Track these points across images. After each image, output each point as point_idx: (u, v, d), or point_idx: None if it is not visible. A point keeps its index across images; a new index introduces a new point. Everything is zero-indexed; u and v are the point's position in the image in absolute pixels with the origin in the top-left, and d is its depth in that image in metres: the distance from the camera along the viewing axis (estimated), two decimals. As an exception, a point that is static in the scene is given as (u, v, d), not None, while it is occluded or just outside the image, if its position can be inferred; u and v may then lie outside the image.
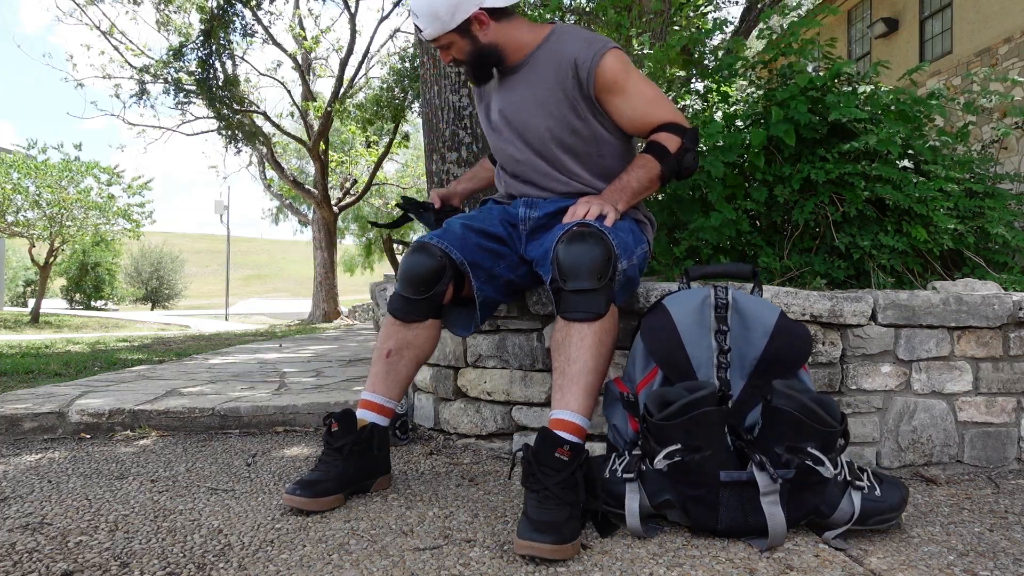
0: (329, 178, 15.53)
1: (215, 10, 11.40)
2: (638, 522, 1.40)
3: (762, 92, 2.62)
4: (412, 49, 12.72)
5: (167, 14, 12.71)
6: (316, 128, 14.46)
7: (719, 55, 3.10)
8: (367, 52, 14.92)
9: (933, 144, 2.58)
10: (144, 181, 14.99)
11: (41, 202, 13.80)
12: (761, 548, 1.35)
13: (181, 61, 11.82)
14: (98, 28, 13.25)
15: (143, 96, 12.19)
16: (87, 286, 26.46)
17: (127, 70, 13.07)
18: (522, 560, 1.29)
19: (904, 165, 2.44)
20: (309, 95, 15.21)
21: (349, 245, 27.81)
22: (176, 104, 12.48)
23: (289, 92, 15.38)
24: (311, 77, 15.43)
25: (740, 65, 2.73)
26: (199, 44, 11.65)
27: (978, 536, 1.45)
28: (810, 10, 7.76)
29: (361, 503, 1.64)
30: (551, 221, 1.81)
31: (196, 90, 11.86)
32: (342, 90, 14.01)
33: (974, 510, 1.62)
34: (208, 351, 5.57)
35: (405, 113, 13.30)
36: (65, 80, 13.69)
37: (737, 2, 8.38)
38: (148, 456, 2.09)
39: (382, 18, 14.26)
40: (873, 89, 2.52)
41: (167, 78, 12.01)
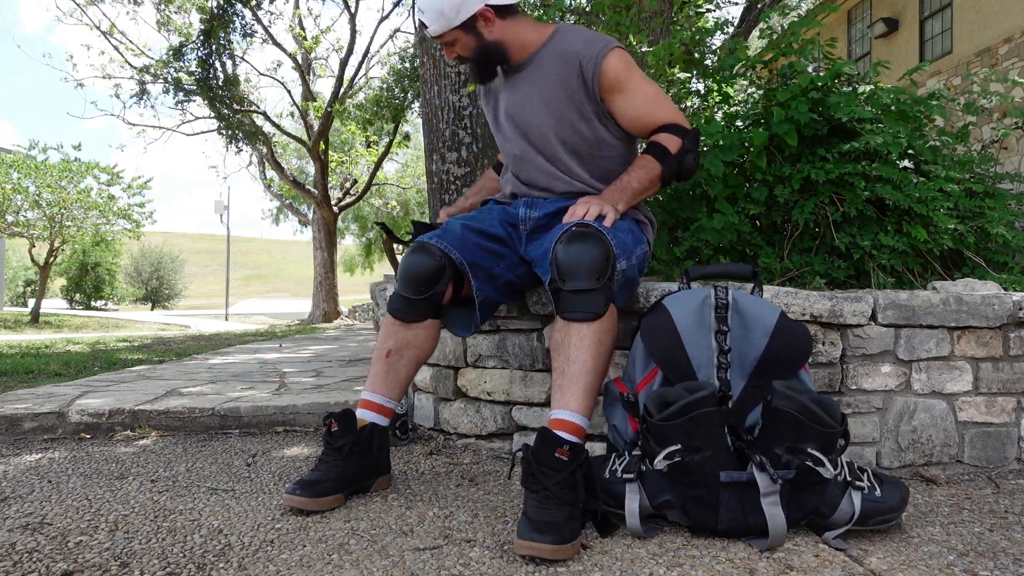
0: (329, 178, 15.54)
1: (215, 10, 11.40)
2: (638, 522, 1.40)
3: (762, 92, 2.62)
4: (412, 49, 12.72)
5: (167, 14, 12.73)
6: (316, 128, 14.47)
7: (720, 55, 3.10)
8: (367, 52, 14.94)
9: (933, 144, 2.58)
10: (144, 181, 14.98)
11: (41, 202, 13.80)
12: (761, 548, 1.35)
13: (181, 61, 11.83)
14: (98, 28, 13.27)
15: (143, 96, 12.20)
16: (87, 286, 26.46)
17: (127, 70, 13.11)
18: (522, 560, 1.29)
19: (904, 165, 2.44)
20: (309, 95, 15.21)
21: (349, 245, 27.84)
22: (176, 104, 12.51)
23: (289, 92, 15.40)
24: (311, 77, 15.43)
25: (740, 66, 2.73)
26: (199, 44, 11.66)
27: (978, 536, 1.45)
28: (810, 10, 7.76)
29: (361, 503, 1.64)
30: (551, 221, 1.82)
31: (196, 90, 11.87)
32: (342, 90, 14.02)
33: (974, 510, 1.62)
34: (208, 351, 5.57)
35: (405, 113, 13.30)
36: (65, 80, 13.71)
37: (737, 2, 8.38)
38: (148, 456, 2.09)
39: (382, 18, 14.28)
40: (873, 89, 2.52)
41: (167, 78, 12.02)
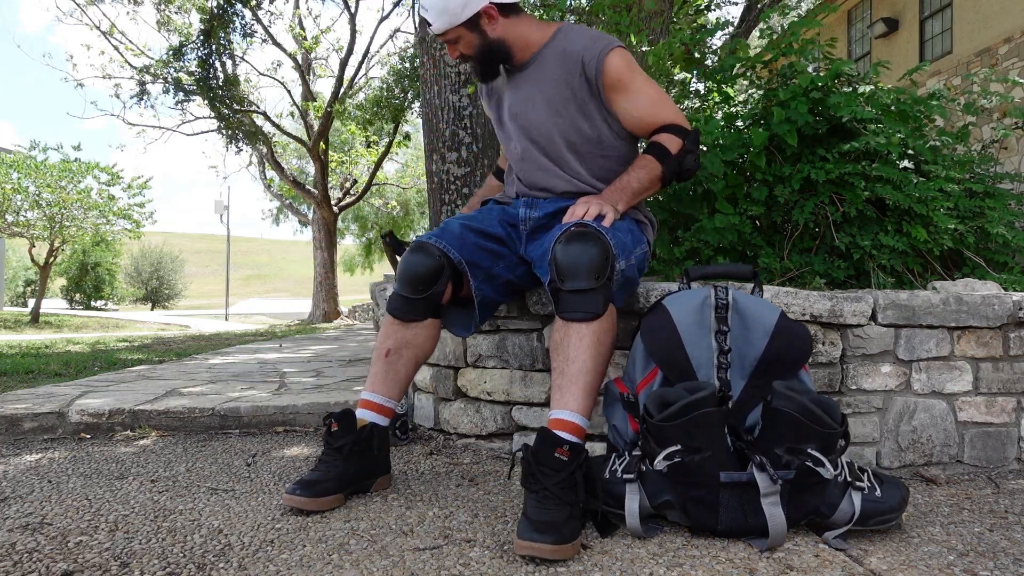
0: (329, 178, 15.54)
1: (215, 10, 11.40)
2: (638, 522, 1.40)
3: (762, 92, 2.62)
4: (412, 49, 12.72)
5: (167, 14, 12.72)
6: (316, 128, 14.46)
7: (720, 55, 3.10)
8: (367, 52, 14.94)
9: (933, 144, 2.58)
10: (143, 180, 14.98)
11: (41, 202, 13.80)
12: (761, 548, 1.35)
13: (181, 61, 11.83)
14: (98, 28, 13.27)
15: (143, 96, 12.20)
16: (87, 286, 26.46)
17: (127, 70, 13.10)
18: (522, 560, 1.29)
19: (904, 165, 2.44)
20: (309, 95, 15.21)
21: (349, 245, 27.83)
22: (176, 104, 12.51)
23: (289, 92, 15.39)
24: (311, 77, 15.43)
25: (741, 66, 2.73)
26: (199, 44, 11.66)
27: (978, 536, 1.45)
28: (810, 10, 7.75)
29: (361, 503, 1.64)
30: (551, 221, 1.82)
31: (196, 90, 11.87)
32: (342, 90, 14.02)
33: (974, 510, 1.62)
34: (208, 351, 5.57)
35: (405, 113, 13.30)
36: (65, 80, 13.70)
37: (736, 2, 8.37)
38: (148, 456, 2.09)
39: (382, 18, 14.28)
40: (873, 89, 2.52)
41: (167, 78, 12.02)
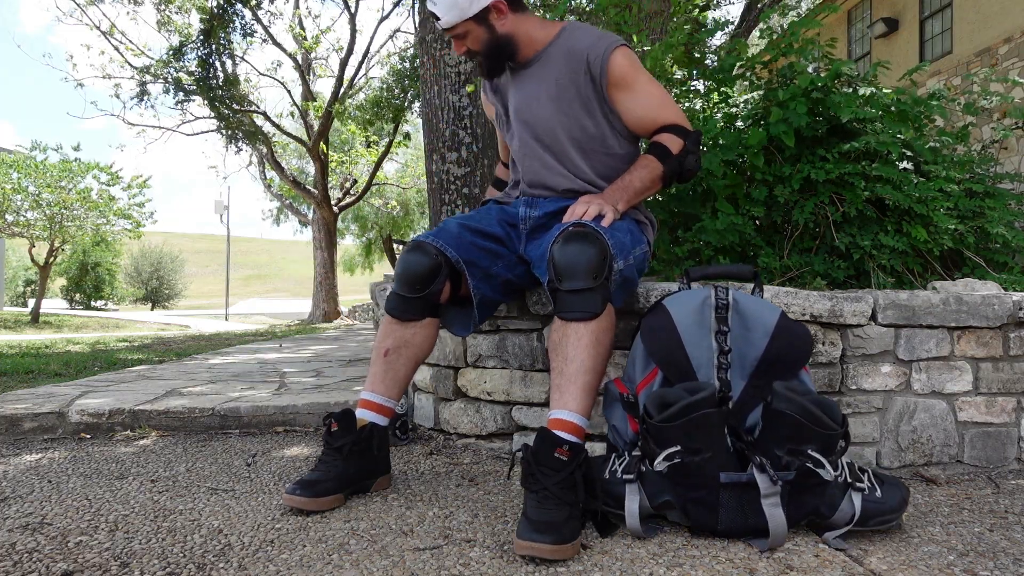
0: (329, 178, 15.54)
1: (215, 10, 11.40)
2: (638, 523, 1.40)
3: (763, 92, 2.62)
4: (412, 49, 12.72)
5: (167, 14, 12.71)
6: (316, 128, 14.46)
7: (720, 55, 3.10)
8: (367, 52, 14.93)
9: (933, 144, 2.58)
10: (143, 180, 14.98)
11: (41, 202, 13.80)
12: (761, 549, 1.35)
13: (181, 61, 11.83)
14: (98, 28, 13.26)
15: (143, 96, 12.20)
16: (87, 286, 26.47)
17: (127, 70, 13.10)
18: (522, 560, 1.29)
19: (904, 165, 2.44)
20: (309, 95, 15.21)
21: (349, 245, 27.81)
22: (176, 104, 12.50)
23: (289, 92, 15.39)
24: (311, 77, 15.43)
25: (740, 66, 2.73)
26: (199, 44, 11.66)
27: (978, 536, 1.45)
28: (810, 10, 7.75)
29: (361, 503, 1.64)
30: (551, 221, 1.82)
31: (196, 90, 11.87)
32: (342, 90, 14.01)
33: (974, 510, 1.62)
34: (208, 351, 5.57)
35: (405, 113, 13.29)
36: (65, 80, 13.69)
37: (734, 2, 8.38)
38: (148, 456, 2.09)
39: (382, 18, 14.28)
40: (873, 90, 2.52)
41: (167, 78, 12.02)
